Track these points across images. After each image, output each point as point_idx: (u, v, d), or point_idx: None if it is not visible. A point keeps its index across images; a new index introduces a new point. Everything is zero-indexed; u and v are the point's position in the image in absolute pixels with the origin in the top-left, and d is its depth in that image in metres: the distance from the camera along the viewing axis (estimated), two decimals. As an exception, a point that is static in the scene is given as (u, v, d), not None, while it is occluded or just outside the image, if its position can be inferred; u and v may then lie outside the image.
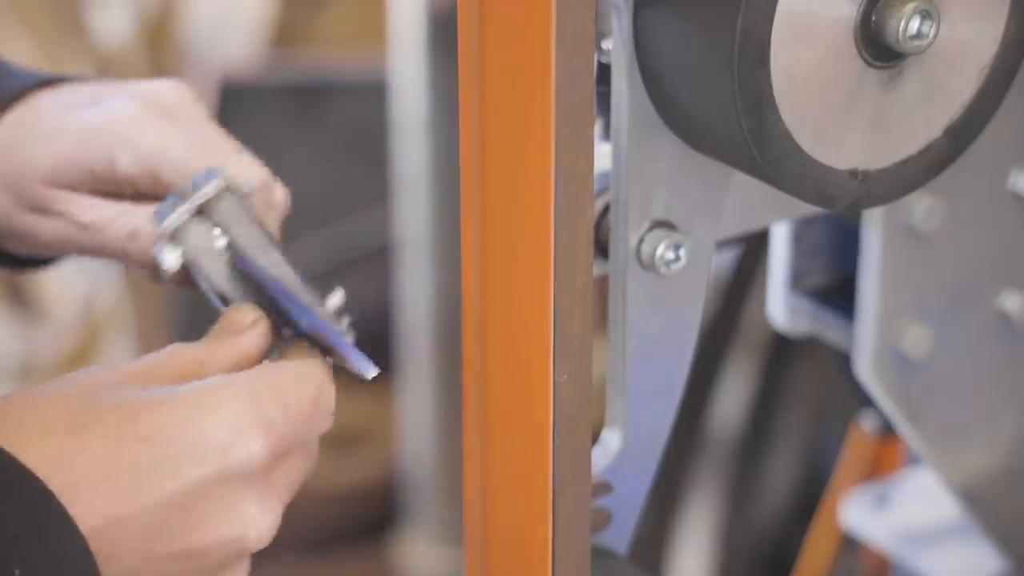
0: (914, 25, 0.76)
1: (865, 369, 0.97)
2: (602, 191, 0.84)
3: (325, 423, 0.78)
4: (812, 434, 1.93)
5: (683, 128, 0.81)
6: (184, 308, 2.40)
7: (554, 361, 0.75)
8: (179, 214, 0.82)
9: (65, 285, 2.58)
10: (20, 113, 0.91)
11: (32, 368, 2.56)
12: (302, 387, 0.77)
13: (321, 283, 0.96)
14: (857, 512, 1.22)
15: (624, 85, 0.80)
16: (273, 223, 0.88)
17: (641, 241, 0.82)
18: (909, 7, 0.75)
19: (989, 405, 1.01)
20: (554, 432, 0.77)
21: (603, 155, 0.82)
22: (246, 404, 0.74)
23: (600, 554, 0.87)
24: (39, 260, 0.96)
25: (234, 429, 0.73)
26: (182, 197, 0.82)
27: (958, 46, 0.79)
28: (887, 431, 1.29)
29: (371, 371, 0.79)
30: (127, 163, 0.88)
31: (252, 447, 0.73)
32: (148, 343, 2.46)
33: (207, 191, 0.82)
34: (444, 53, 2.15)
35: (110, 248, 0.89)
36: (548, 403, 0.76)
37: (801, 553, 1.40)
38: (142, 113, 0.89)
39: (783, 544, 1.90)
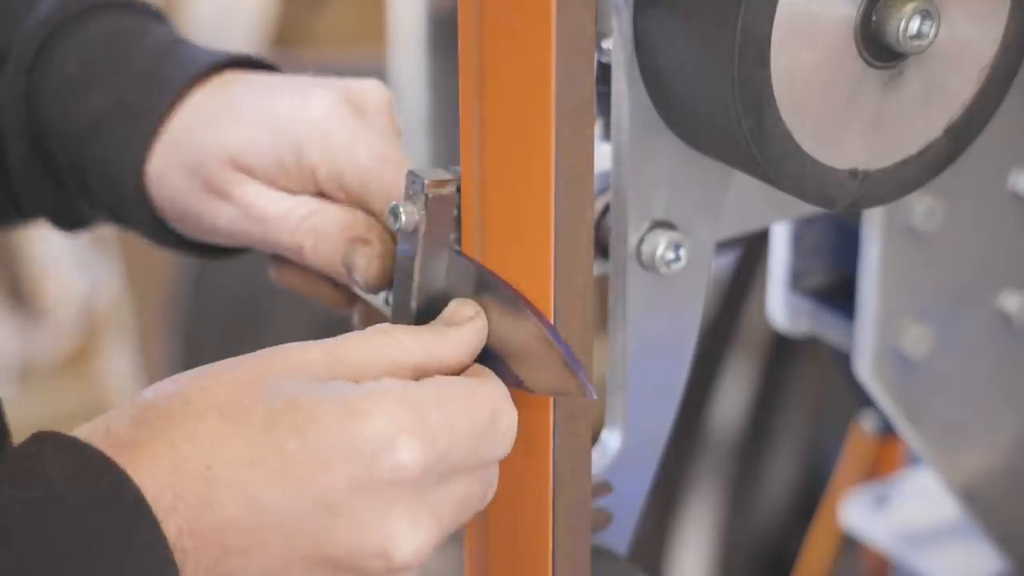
0: (914, 25, 0.76)
1: (865, 369, 0.97)
2: (602, 191, 0.84)
3: (501, 448, 0.74)
4: (812, 434, 1.93)
5: (683, 128, 0.80)
6: (186, 309, 2.39)
7: (554, 361, 0.75)
8: (439, 179, 0.77)
9: (65, 285, 2.58)
10: (211, 90, 0.88)
11: (32, 368, 2.56)
12: (475, 407, 0.72)
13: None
14: (857, 512, 1.22)
15: (624, 85, 0.80)
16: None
17: (641, 241, 0.82)
18: (909, 7, 0.75)
19: (989, 405, 1.01)
20: (554, 432, 0.77)
21: (603, 155, 0.82)
22: (406, 413, 0.70)
23: (600, 554, 0.87)
24: (216, 248, 0.92)
25: (387, 436, 0.70)
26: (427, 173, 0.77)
27: (958, 46, 0.79)
28: (887, 431, 1.29)
29: (593, 392, 0.74)
30: (314, 156, 0.85)
31: (403, 457, 0.70)
32: (148, 343, 2.46)
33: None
34: (444, 53, 2.15)
35: (284, 243, 0.86)
36: (548, 403, 0.76)
37: (801, 553, 1.41)
38: (338, 109, 0.86)
39: (783, 544, 1.90)
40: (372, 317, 0.88)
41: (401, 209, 0.77)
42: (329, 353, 0.73)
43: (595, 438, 0.82)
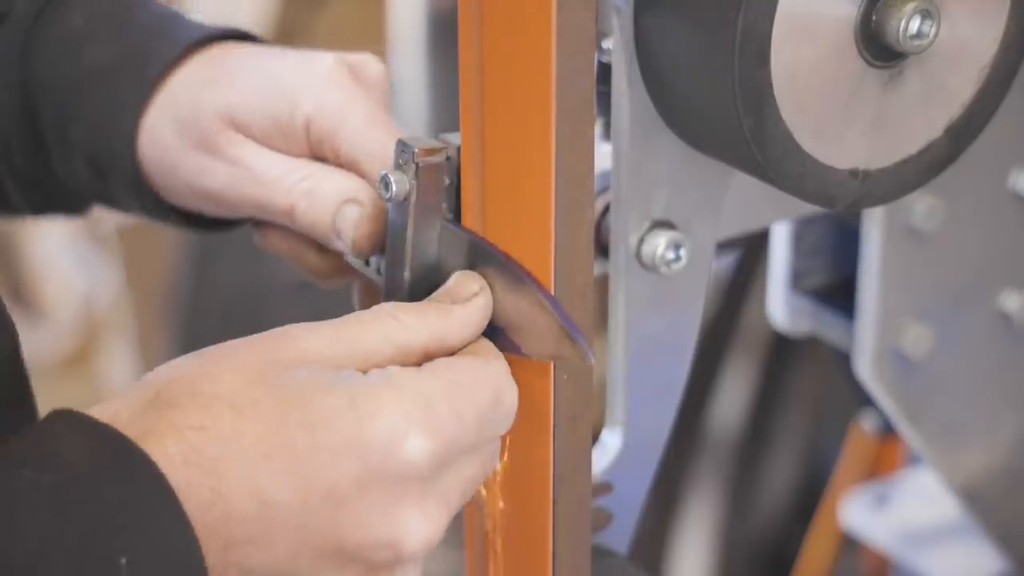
0: (914, 25, 0.76)
1: (865, 369, 0.97)
2: (602, 191, 0.84)
3: (504, 426, 0.75)
4: (812, 434, 1.93)
5: (683, 128, 0.80)
6: (186, 309, 2.39)
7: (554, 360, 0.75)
8: (430, 147, 0.77)
9: (65, 285, 2.58)
10: (212, 53, 0.89)
11: (32, 368, 2.56)
12: (479, 390, 0.73)
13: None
14: (857, 512, 1.22)
15: (624, 85, 0.80)
16: None
17: (641, 241, 0.82)
18: (909, 7, 0.75)
19: (989, 405, 1.01)
20: (554, 432, 0.77)
21: (603, 155, 0.82)
22: (415, 408, 0.70)
23: (600, 554, 0.87)
24: (206, 221, 0.92)
25: (398, 431, 0.70)
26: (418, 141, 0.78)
27: (958, 46, 0.79)
28: (887, 431, 1.29)
29: (591, 356, 0.74)
30: (309, 117, 0.85)
31: (414, 452, 0.70)
32: (148, 343, 2.46)
33: (456, 142, 0.77)
34: (444, 53, 2.15)
35: (277, 204, 0.85)
36: (548, 403, 0.76)
37: (801, 553, 1.41)
38: (335, 72, 0.86)
39: (783, 544, 1.90)
40: (371, 292, 0.88)
41: (391, 178, 0.77)
42: (337, 340, 0.72)
43: (595, 438, 0.82)
